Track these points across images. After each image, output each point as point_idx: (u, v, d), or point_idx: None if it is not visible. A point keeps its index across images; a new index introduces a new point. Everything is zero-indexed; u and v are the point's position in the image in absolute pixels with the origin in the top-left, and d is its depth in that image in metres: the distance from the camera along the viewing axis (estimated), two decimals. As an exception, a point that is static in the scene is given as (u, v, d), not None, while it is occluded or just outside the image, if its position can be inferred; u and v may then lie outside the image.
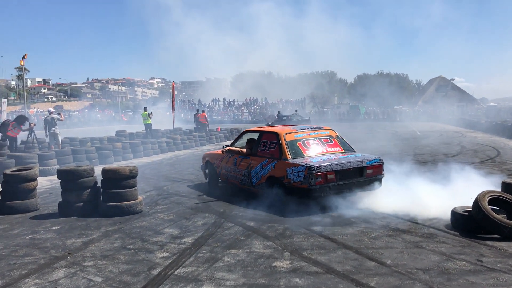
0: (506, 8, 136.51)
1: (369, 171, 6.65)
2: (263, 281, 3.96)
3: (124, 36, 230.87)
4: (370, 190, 6.70)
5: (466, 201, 5.59)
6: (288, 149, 6.82)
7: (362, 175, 6.60)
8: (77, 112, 57.66)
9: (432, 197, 6.38)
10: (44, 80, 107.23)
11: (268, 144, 7.26)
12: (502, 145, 16.78)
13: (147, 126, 20.47)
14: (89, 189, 6.75)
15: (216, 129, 25.01)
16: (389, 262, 4.34)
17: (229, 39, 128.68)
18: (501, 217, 5.07)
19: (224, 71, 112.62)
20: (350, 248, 4.80)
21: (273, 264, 4.38)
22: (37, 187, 7.37)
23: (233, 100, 62.30)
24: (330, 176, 6.30)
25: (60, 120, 15.31)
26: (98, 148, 13.75)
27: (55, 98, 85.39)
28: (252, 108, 58.32)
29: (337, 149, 7.14)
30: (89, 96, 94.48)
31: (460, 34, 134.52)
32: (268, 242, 5.09)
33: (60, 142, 14.81)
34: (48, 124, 14.46)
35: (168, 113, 39.05)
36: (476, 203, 5.15)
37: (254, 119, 49.18)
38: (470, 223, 5.23)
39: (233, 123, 44.15)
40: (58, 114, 15.64)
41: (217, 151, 8.91)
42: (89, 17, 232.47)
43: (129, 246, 5.09)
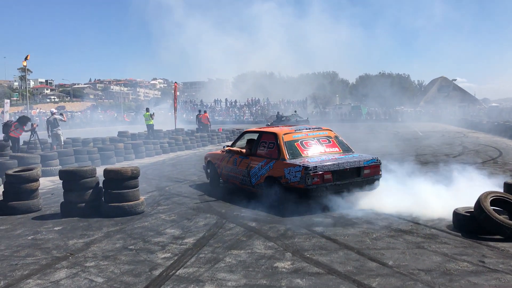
0: (508, 9, 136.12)
1: (367, 171, 6.66)
2: (265, 282, 3.96)
3: (127, 37, 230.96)
4: (368, 190, 6.70)
5: (468, 202, 5.58)
6: (286, 150, 6.86)
7: (360, 175, 6.62)
8: (80, 113, 57.72)
9: (434, 198, 6.37)
10: (47, 81, 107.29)
11: (267, 145, 7.29)
12: (504, 146, 16.74)
13: (149, 127, 20.51)
14: (91, 190, 6.77)
15: (218, 130, 25.05)
16: (391, 263, 4.34)
17: (231, 40, 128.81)
18: (503, 218, 5.06)
19: (226, 72, 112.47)
20: (352, 249, 4.79)
21: (275, 265, 4.37)
22: (39, 188, 7.39)
23: (235, 101, 62.40)
24: (327, 176, 6.32)
25: (63, 121, 15.38)
26: (100, 149, 13.78)
27: (58, 99, 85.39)
28: (254, 109, 58.37)
29: (335, 150, 7.15)
30: (92, 97, 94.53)
31: (462, 35, 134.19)
32: (270, 243, 5.09)
33: (62, 143, 14.86)
34: (51, 125, 14.55)
35: (170, 114, 39.03)
36: (478, 204, 5.13)
37: (256, 120, 49.17)
38: (472, 224, 5.22)
39: (235, 124, 44.17)
40: (61, 115, 15.71)
41: (219, 151, 8.94)
42: (92, 18, 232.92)
43: (131, 247, 5.10)
